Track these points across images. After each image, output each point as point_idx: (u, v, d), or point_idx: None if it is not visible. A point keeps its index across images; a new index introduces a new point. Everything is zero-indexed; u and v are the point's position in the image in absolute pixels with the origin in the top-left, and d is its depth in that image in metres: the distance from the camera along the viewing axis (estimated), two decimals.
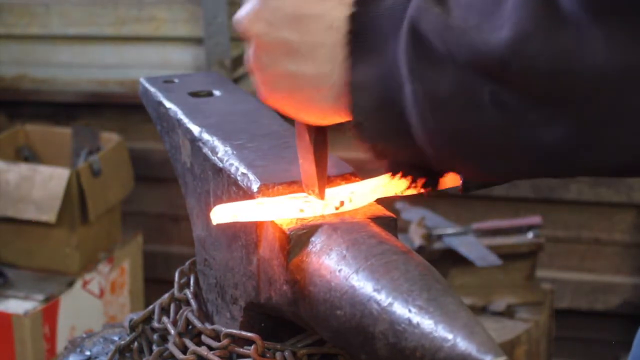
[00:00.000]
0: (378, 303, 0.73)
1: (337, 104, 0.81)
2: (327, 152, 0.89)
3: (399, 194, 0.89)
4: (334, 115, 0.83)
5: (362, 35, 0.78)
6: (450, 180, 0.86)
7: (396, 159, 0.81)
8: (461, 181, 0.85)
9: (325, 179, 0.89)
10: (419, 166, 0.81)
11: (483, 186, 0.86)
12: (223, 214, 0.88)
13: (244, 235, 0.94)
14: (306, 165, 0.89)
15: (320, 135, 0.88)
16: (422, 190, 0.84)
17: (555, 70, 0.67)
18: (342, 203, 0.88)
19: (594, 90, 0.67)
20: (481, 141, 0.73)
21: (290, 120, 1.09)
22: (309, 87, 0.82)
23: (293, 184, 0.91)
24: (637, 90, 0.66)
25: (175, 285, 1.10)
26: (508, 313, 2.40)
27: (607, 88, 0.66)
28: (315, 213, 0.87)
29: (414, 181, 0.82)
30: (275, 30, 0.82)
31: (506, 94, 0.69)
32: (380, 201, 0.90)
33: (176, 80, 1.22)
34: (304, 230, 0.85)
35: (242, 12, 0.85)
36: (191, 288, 1.09)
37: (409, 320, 0.70)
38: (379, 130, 0.79)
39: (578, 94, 0.67)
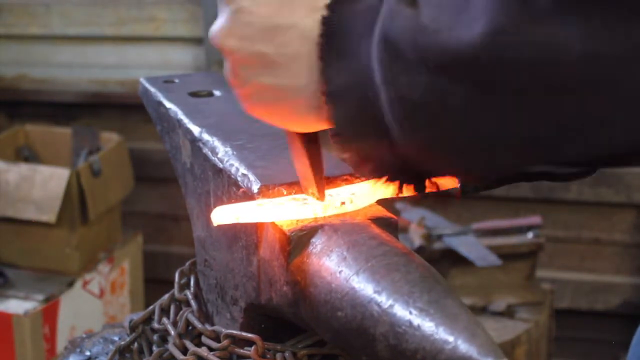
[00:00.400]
0: (379, 305, 0.73)
1: (318, 113, 0.81)
2: (320, 153, 0.89)
3: (401, 195, 0.88)
4: (318, 124, 0.83)
5: (335, 39, 0.77)
6: (448, 182, 0.86)
7: (380, 165, 0.80)
8: (459, 185, 0.85)
9: (323, 180, 0.89)
10: (403, 171, 0.80)
11: (481, 189, 0.86)
12: (223, 215, 0.88)
13: (245, 236, 0.94)
14: (302, 168, 0.89)
15: (311, 138, 0.88)
16: (411, 194, 0.83)
17: (530, 63, 0.66)
18: (342, 204, 0.88)
19: (571, 82, 0.66)
20: (461, 145, 0.72)
21: None
22: (289, 98, 0.81)
23: (293, 185, 0.91)
24: (615, 79, 0.65)
25: (176, 285, 1.10)
26: (508, 313, 2.40)
27: (584, 79, 0.66)
28: (316, 214, 0.87)
29: (401, 186, 0.81)
30: (248, 44, 0.81)
31: (478, 95, 0.69)
32: (380, 202, 0.90)
33: (176, 80, 1.22)
34: (305, 232, 0.85)
35: (215, 28, 0.84)
36: (191, 289, 1.09)
37: (410, 322, 0.70)
38: (359, 137, 0.78)
39: (555, 86, 0.67)
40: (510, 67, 0.67)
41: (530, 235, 2.49)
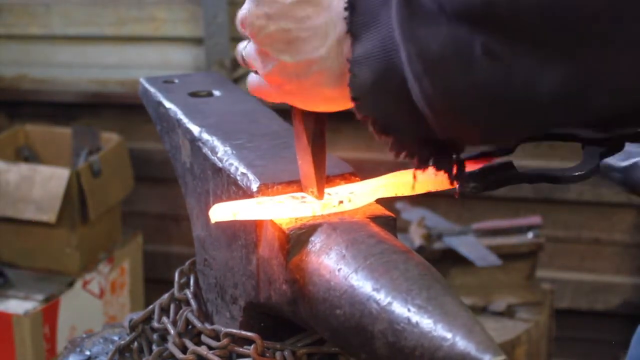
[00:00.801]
0: (377, 302, 0.73)
1: (342, 85, 0.81)
2: (325, 153, 0.89)
3: (399, 195, 0.88)
4: (341, 99, 0.83)
5: (358, 7, 0.78)
6: (441, 183, 0.86)
7: (401, 135, 0.79)
8: (457, 185, 0.84)
9: (324, 180, 0.89)
10: (424, 142, 0.78)
11: (480, 190, 0.86)
12: (221, 212, 0.89)
13: (244, 234, 0.94)
14: (305, 166, 0.90)
15: (318, 136, 0.88)
16: (431, 172, 0.80)
17: (543, 7, 0.65)
18: (340, 202, 0.88)
19: (586, 26, 0.64)
20: (479, 98, 0.70)
21: (289, 120, 1.09)
22: (313, 72, 0.82)
23: (292, 184, 0.92)
24: (631, 22, 0.64)
25: (175, 285, 1.10)
26: (508, 313, 2.40)
27: (599, 23, 0.64)
28: (314, 212, 0.88)
29: (420, 161, 0.79)
30: (273, 22, 0.83)
31: (497, 43, 0.67)
32: (380, 201, 0.90)
33: (176, 81, 1.22)
34: (304, 230, 0.85)
35: (243, 10, 0.86)
36: (191, 288, 1.09)
37: (408, 320, 0.70)
38: (381, 103, 0.78)
39: (570, 31, 0.65)
40: (529, 12, 0.65)
41: (530, 235, 2.50)
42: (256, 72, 0.90)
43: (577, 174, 0.87)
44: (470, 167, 0.85)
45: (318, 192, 0.88)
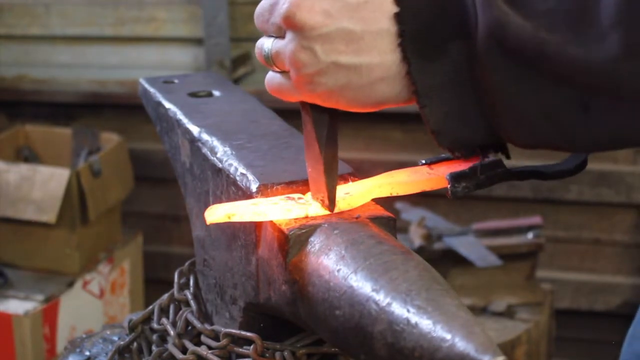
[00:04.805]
0: (376, 303, 0.73)
1: (400, 93, 0.80)
2: (336, 160, 0.87)
3: (394, 194, 0.88)
4: (393, 104, 0.81)
5: (421, 35, 0.77)
6: (436, 183, 0.86)
7: (465, 142, 0.81)
8: (448, 186, 0.84)
9: (335, 189, 0.87)
10: (487, 146, 0.82)
11: (471, 189, 0.86)
12: (217, 213, 0.87)
13: (243, 235, 0.94)
14: (314, 173, 0.88)
15: (330, 141, 0.86)
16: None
17: None
18: (338, 203, 0.88)
19: None
20: (561, 138, 0.77)
21: (290, 120, 1.09)
22: (374, 77, 0.79)
23: (292, 184, 0.91)
24: None
25: (175, 285, 1.10)
26: (508, 313, 2.40)
27: None
28: (309, 214, 0.87)
29: (481, 152, 0.83)
30: (334, 20, 0.78)
31: (599, 101, 0.73)
32: (379, 201, 0.90)
33: (176, 81, 1.22)
34: (303, 230, 0.85)
35: (283, 4, 0.80)
36: (191, 289, 1.09)
37: (408, 320, 0.70)
38: (457, 132, 0.80)
39: None
40: None
41: (530, 235, 2.49)
42: (281, 72, 0.85)
43: (563, 169, 0.87)
44: (460, 166, 0.85)
45: (329, 201, 0.87)
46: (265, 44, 0.84)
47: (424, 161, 0.89)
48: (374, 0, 0.78)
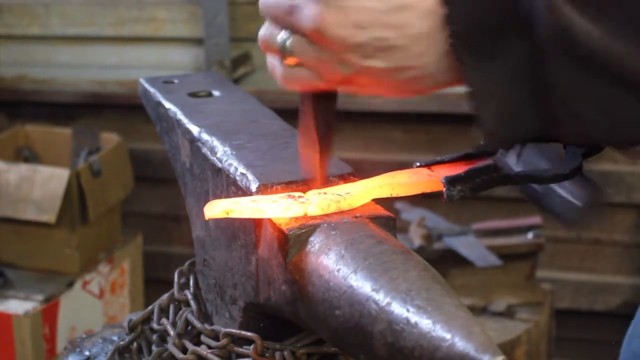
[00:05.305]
0: (376, 303, 0.73)
1: (444, 83, 0.79)
2: (333, 137, 0.87)
3: (394, 195, 0.88)
4: (434, 89, 0.80)
5: (475, 35, 0.75)
6: (436, 185, 0.86)
7: (516, 141, 0.81)
8: (444, 189, 0.84)
9: (326, 164, 0.87)
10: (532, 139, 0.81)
11: (467, 193, 0.86)
12: (216, 209, 0.87)
13: (243, 235, 0.94)
14: (309, 153, 0.88)
15: (328, 117, 0.85)
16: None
17: None
18: (337, 202, 0.88)
19: None
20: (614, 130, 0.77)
21: (290, 120, 1.09)
22: (411, 76, 0.78)
23: (292, 184, 0.91)
24: None
25: (175, 285, 1.10)
26: (508, 313, 2.40)
27: None
28: (308, 212, 0.87)
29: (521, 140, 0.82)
30: (365, 31, 0.75)
31: None
32: (379, 201, 0.90)
33: (176, 81, 1.22)
34: (303, 230, 0.85)
35: (313, 18, 0.76)
36: (191, 289, 1.09)
37: (407, 320, 0.70)
38: (510, 138, 0.80)
39: None
40: None
41: (530, 235, 2.49)
42: (295, 65, 0.81)
43: (559, 173, 0.87)
44: (455, 170, 0.85)
45: (319, 176, 0.87)
46: (279, 36, 0.80)
47: (418, 163, 0.89)
48: (405, 4, 0.75)
